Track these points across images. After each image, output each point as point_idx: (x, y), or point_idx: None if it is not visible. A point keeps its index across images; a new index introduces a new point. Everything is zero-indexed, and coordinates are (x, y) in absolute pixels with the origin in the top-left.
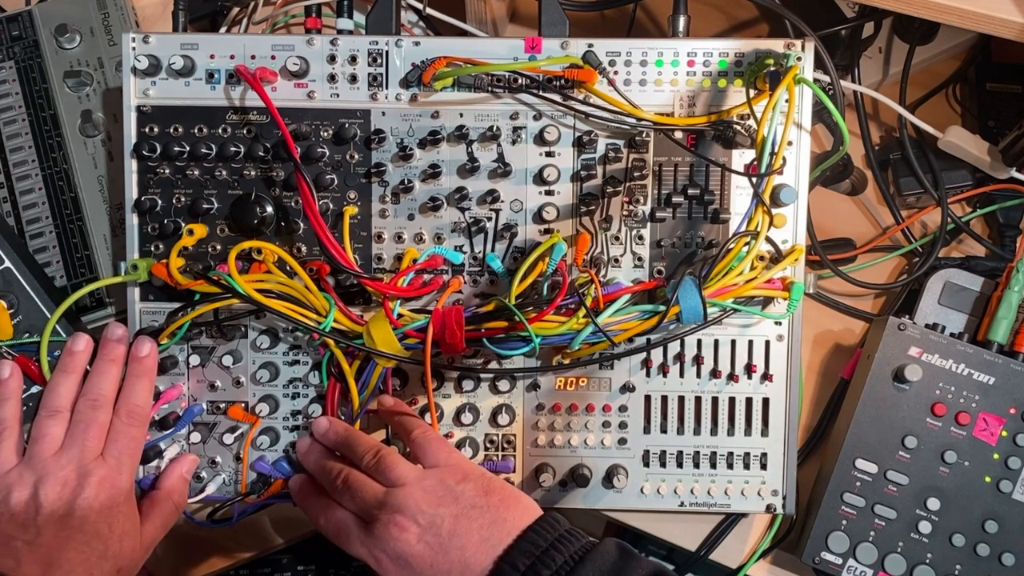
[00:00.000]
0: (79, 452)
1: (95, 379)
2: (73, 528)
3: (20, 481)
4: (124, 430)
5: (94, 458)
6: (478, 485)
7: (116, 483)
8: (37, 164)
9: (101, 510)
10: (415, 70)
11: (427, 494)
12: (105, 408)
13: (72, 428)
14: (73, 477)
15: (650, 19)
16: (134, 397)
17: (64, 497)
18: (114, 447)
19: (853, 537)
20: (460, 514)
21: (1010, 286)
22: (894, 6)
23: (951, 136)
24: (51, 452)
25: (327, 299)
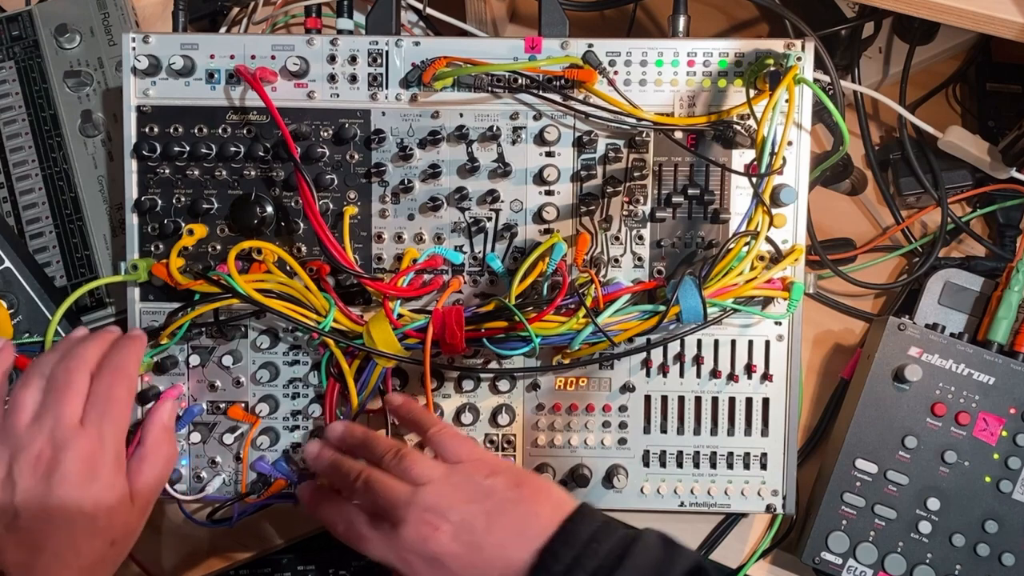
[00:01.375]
0: (53, 422)
1: (77, 346)
2: (54, 508)
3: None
4: (105, 391)
5: (71, 427)
6: (508, 478)
7: (97, 453)
8: (37, 164)
9: (82, 484)
10: (415, 70)
11: (456, 490)
12: (83, 372)
13: (46, 396)
14: (48, 450)
15: (650, 19)
16: (119, 358)
17: (39, 472)
18: (94, 412)
19: (853, 537)
20: (493, 509)
21: (1010, 286)
22: (894, 6)
23: (951, 136)
24: (24, 423)
25: (327, 299)
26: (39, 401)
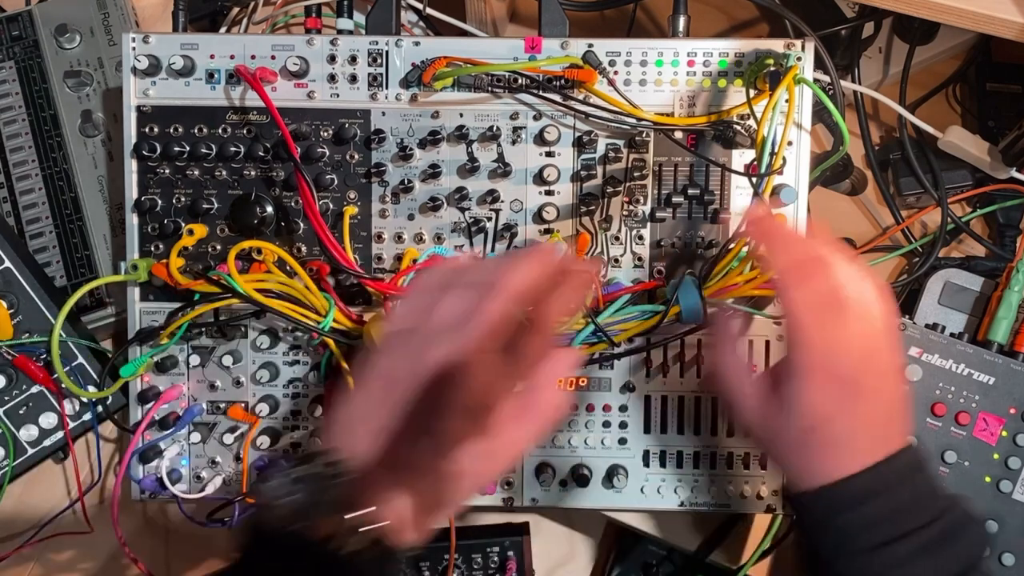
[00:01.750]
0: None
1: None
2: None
3: (396, 349)
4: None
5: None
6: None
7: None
8: (37, 164)
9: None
10: (415, 70)
11: None
12: (503, 296)
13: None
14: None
15: (650, 19)
16: (545, 316)
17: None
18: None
19: None
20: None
21: (1010, 286)
22: (894, 6)
23: (951, 136)
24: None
25: (327, 299)
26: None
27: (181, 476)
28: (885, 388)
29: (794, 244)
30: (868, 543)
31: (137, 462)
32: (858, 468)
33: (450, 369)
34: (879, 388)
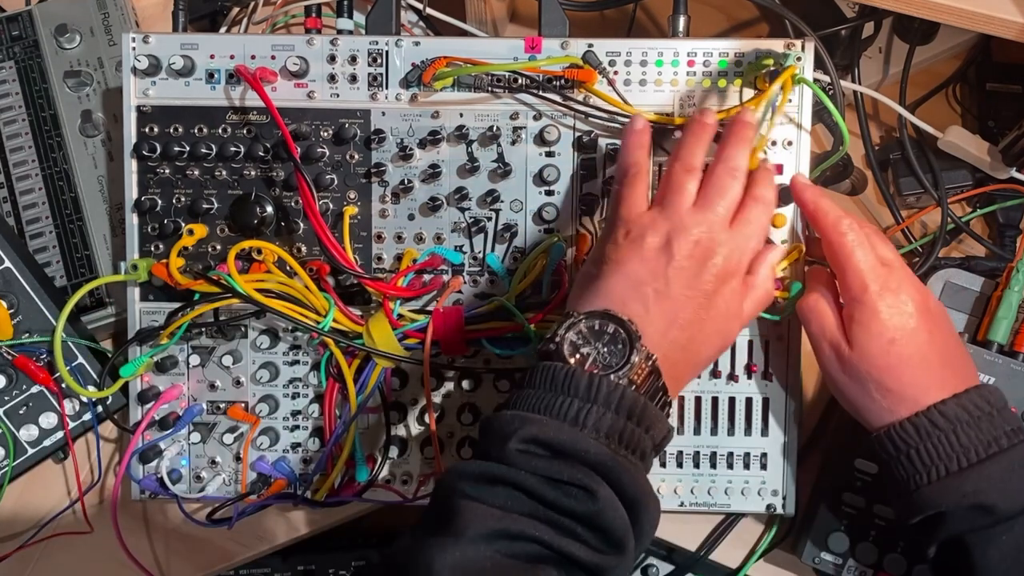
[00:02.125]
0: (713, 217)
1: (733, 151)
2: (699, 290)
3: (654, 226)
4: (755, 213)
5: (726, 228)
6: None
7: (739, 260)
8: (37, 164)
9: (724, 280)
10: (415, 70)
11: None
12: (740, 181)
13: (707, 190)
14: (706, 240)
15: (650, 19)
16: (767, 190)
17: (696, 255)
18: (745, 226)
19: (853, 537)
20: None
21: (1010, 286)
22: (894, 6)
23: (951, 136)
24: (686, 207)
25: (327, 299)
26: (695, 191)
27: (181, 476)
28: (944, 322)
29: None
30: (958, 465)
31: (137, 462)
32: (942, 395)
33: None
34: (939, 320)
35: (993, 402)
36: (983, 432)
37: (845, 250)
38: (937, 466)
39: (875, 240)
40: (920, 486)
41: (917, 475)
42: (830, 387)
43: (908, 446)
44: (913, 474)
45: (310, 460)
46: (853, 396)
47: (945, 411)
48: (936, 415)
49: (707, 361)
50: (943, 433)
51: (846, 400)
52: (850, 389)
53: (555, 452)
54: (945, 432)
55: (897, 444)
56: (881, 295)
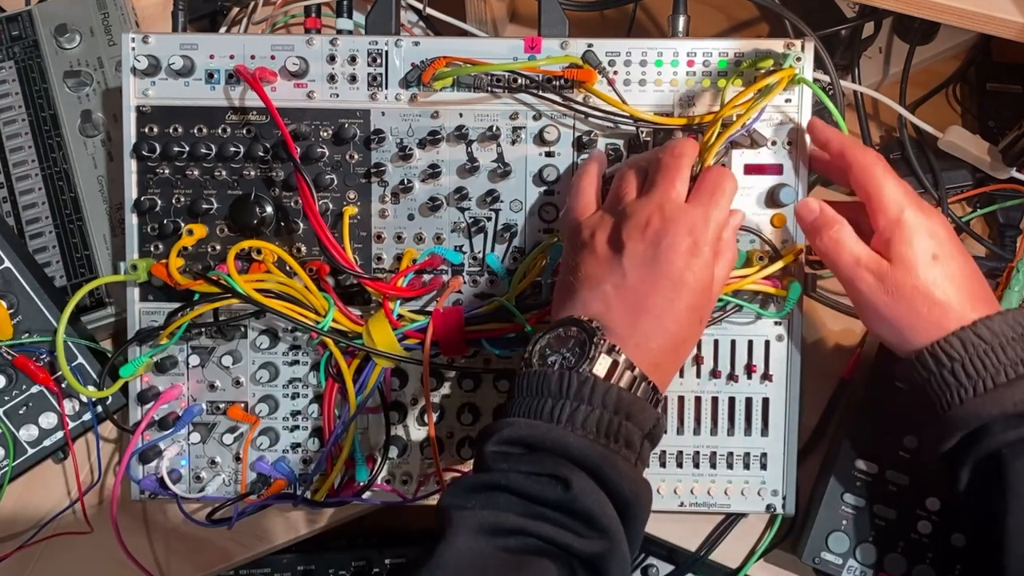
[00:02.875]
0: (660, 196)
1: (677, 140)
2: (660, 271)
3: (602, 223)
4: (713, 180)
5: (680, 203)
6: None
7: (701, 231)
8: (37, 164)
9: (687, 255)
10: (415, 70)
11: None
12: (687, 161)
13: (654, 175)
14: (657, 219)
15: (650, 19)
16: (716, 167)
17: (648, 237)
18: (703, 195)
19: (853, 537)
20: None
21: (1010, 286)
22: (894, 6)
23: (951, 136)
24: (631, 196)
25: (327, 299)
26: (642, 181)
27: (181, 476)
28: (966, 250)
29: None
30: (1005, 377)
31: (137, 462)
32: (986, 312)
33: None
34: (963, 246)
35: None
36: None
37: (877, 176)
38: (984, 379)
39: (893, 172)
40: (965, 400)
41: (962, 389)
42: (868, 315)
43: (952, 360)
44: (957, 389)
45: (310, 460)
46: (898, 315)
47: (991, 325)
48: (983, 329)
49: (691, 340)
50: (990, 347)
51: (888, 321)
52: (894, 309)
53: (530, 448)
54: (992, 346)
55: (941, 359)
56: (917, 215)
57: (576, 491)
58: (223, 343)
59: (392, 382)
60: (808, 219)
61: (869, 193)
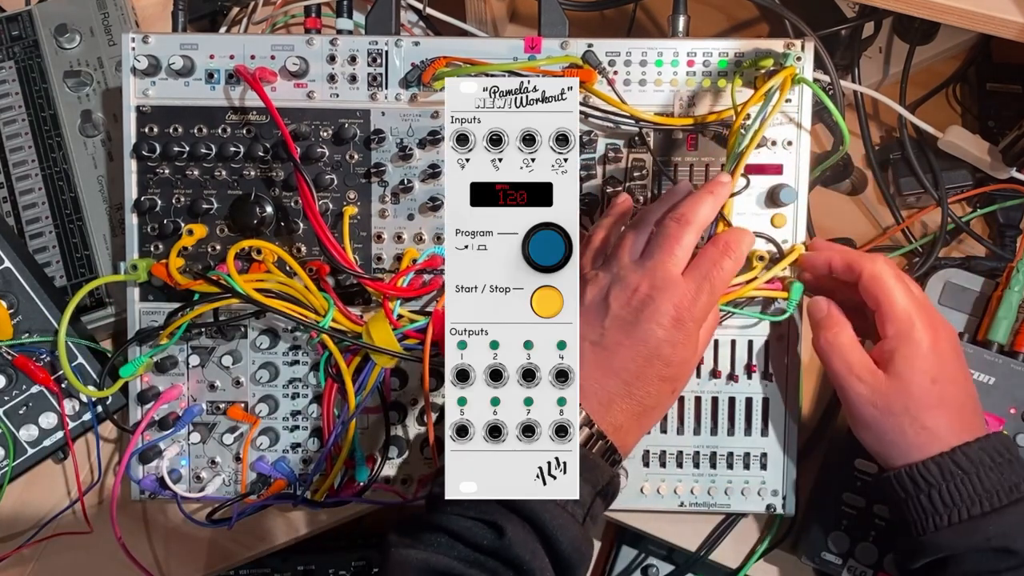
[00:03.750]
0: (654, 264)
1: (689, 200)
2: (637, 338)
3: (595, 281)
4: (713, 257)
5: (673, 275)
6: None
7: (689, 306)
8: (37, 164)
9: (668, 327)
10: (415, 70)
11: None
12: (693, 229)
13: (654, 240)
14: (645, 287)
15: (650, 19)
16: (732, 236)
17: (633, 304)
18: (698, 271)
19: (853, 537)
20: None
21: (1010, 286)
22: (894, 6)
23: (951, 136)
24: (628, 259)
25: (326, 299)
26: (644, 244)
27: (181, 476)
28: (966, 367)
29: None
30: (980, 509)
31: (137, 462)
32: (967, 439)
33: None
34: (965, 365)
35: (1011, 449)
36: (1005, 477)
37: (887, 286)
38: (959, 508)
39: (904, 277)
40: (940, 527)
41: (937, 516)
42: (855, 422)
43: (930, 485)
44: (932, 515)
45: (310, 460)
46: (884, 430)
47: (969, 453)
48: (961, 457)
49: (659, 409)
50: (967, 476)
51: (874, 433)
52: (882, 423)
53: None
54: (969, 475)
55: (918, 483)
56: (925, 332)
57: (509, 539)
58: (223, 343)
59: (392, 382)
60: (816, 317)
61: (879, 301)
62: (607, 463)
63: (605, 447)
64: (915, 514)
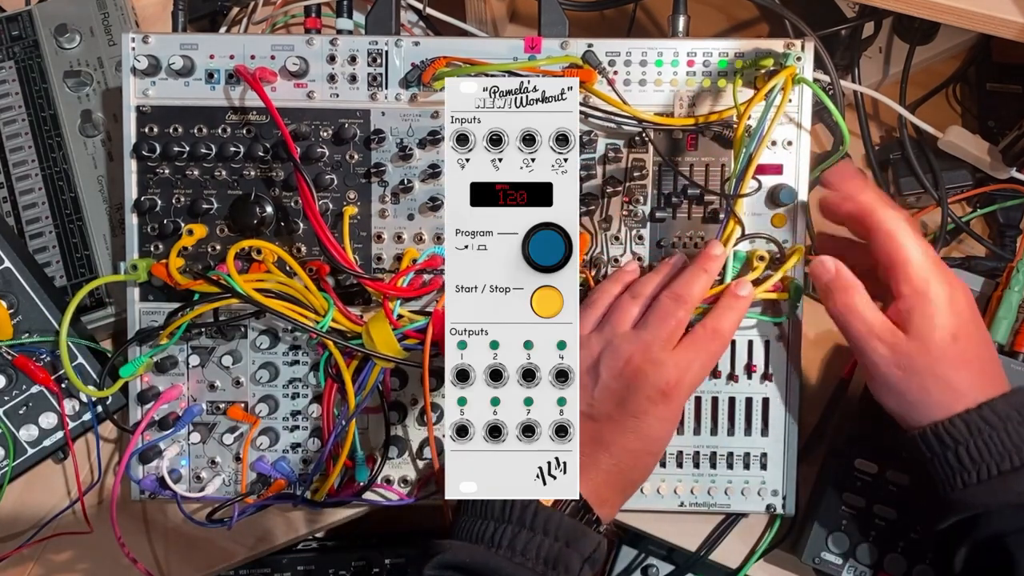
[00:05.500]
0: (649, 337)
1: (685, 278)
2: (626, 411)
3: (587, 345)
4: (703, 343)
5: (667, 350)
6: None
7: (679, 382)
8: (37, 164)
9: (655, 402)
10: (415, 70)
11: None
12: (686, 308)
13: (650, 314)
14: (638, 360)
15: (650, 19)
16: (724, 317)
17: (624, 375)
18: (691, 348)
19: (853, 537)
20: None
21: (1010, 286)
22: (894, 6)
23: (951, 136)
24: (624, 328)
25: (326, 299)
26: (640, 315)
27: (181, 476)
28: (983, 324)
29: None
30: (1011, 464)
31: (137, 462)
32: (993, 394)
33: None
34: (982, 321)
35: None
36: None
37: (902, 244)
38: (988, 464)
39: (919, 235)
40: (968, 484)
41: (965, 473)
42: (876, 384)
43: (957, 443)
44: (960, 472)
45: (310, 460)
46: (906, 390)
47: (996, 408)
48: (988, 412)
49: (640, 481)
50: (995, 431)
51: (897, 394)
52: (905, 383)
53: (468, 573)
54: (997, 430)
55: (945, 441)
56: (942, 288)
57: None
58: (223, 343)
59: (392, 382)
60: (823, 279)
61: (893, 260)
62: (593, 530)
63: (592, 519)
64: (943, 472)
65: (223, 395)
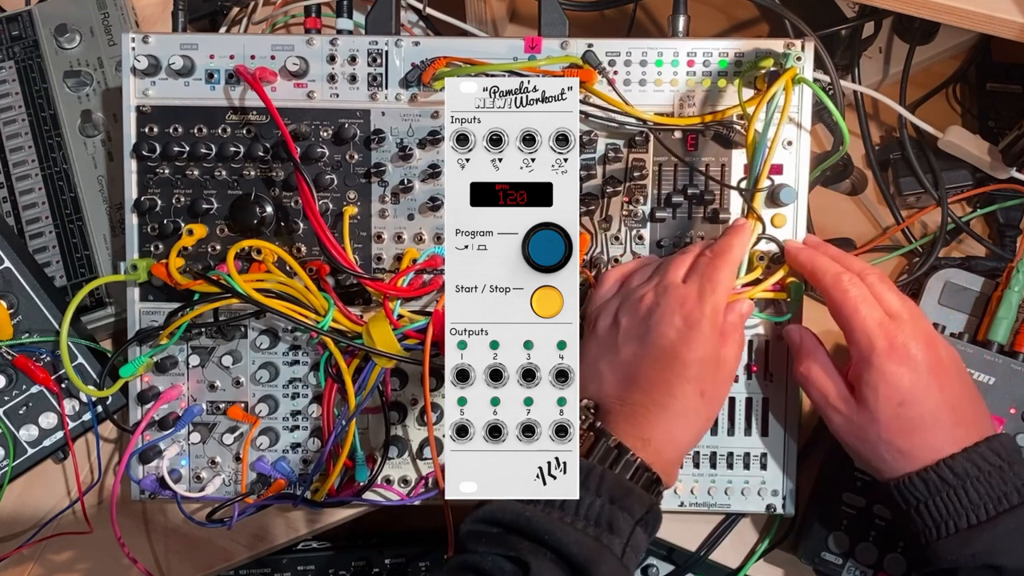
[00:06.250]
0: (659, 278)
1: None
2: (649, 343)
3: (606, 307)
4: (709, 262)
5: (674, 281)
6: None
7: (693, 305)
8: (37, 164)
9: (677, 327)
10: (415, 70)
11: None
12: (692, 251)
13: (659, 267)
14: (651, 297)
15: (650, 19)
16: (725, 241)
17: (640, 314)
18: (695, 274)
19: (853, 537)
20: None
21: (1010, 286)
22: (894, 6)
23: (951, 136)
24: (637, 282)
25: (327, 299)
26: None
27: (181, 476)
28: (955, 372)
29: (835, 261)
30: (967, 522)
31: (137, 462)
32: (953, 450)
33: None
34: (950, 372)
35: (1005, 454)
36: (993, 487)
37: (848, 307)
38: (947, 522)
39: (880, 290)
40: (930, 541)
41: (928, 530)
42: (842, 444)
43: (918, 500)
44: (924, 528)
45: (310, 460)
46: (865, 455)
47: (954, 466)
48: (945, 470)
49: (689, 415)
50: (952, 489)
51: (857, 456)
52: (860, 448)
53: (507, 528)
54: (954, 488)
55: (907, 498)
56: (889, 354)
57: (534, 575)
58: (223, 343)
59: (392, 382)
60: (791, 346)
61: (839, 322)
62: (640, 485)
63: (635, 463)
64: (913, 525)
65: (223, 395)
